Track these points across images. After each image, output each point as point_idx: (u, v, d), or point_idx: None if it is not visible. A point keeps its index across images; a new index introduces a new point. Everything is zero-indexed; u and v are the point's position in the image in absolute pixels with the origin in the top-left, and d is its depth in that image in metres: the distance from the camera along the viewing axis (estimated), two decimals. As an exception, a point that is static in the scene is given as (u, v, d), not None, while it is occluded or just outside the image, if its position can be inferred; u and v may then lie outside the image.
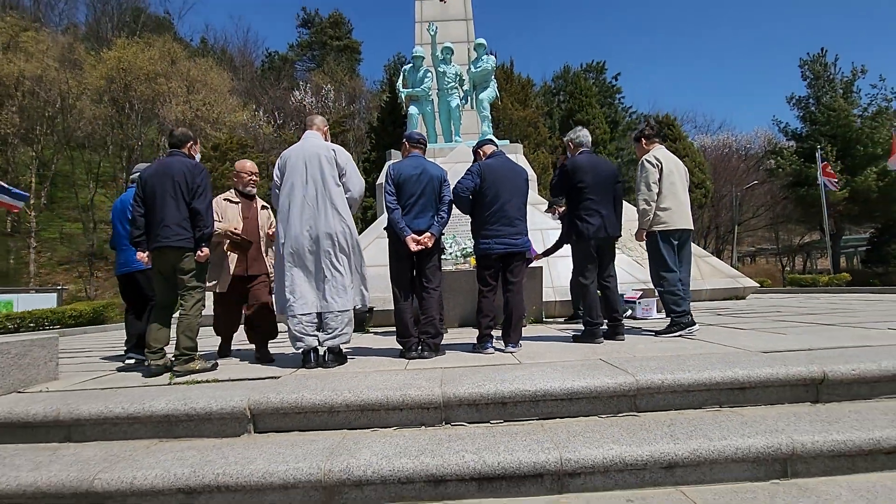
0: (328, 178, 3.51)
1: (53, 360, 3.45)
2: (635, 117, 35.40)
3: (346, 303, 3.48)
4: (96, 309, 10.91)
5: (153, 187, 3.48)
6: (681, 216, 4.39)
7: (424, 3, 14.58)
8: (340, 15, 50.30)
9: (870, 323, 4.60)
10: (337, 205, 3.50)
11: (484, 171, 3.86)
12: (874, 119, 23.47)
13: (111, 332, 10.67)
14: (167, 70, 25.16)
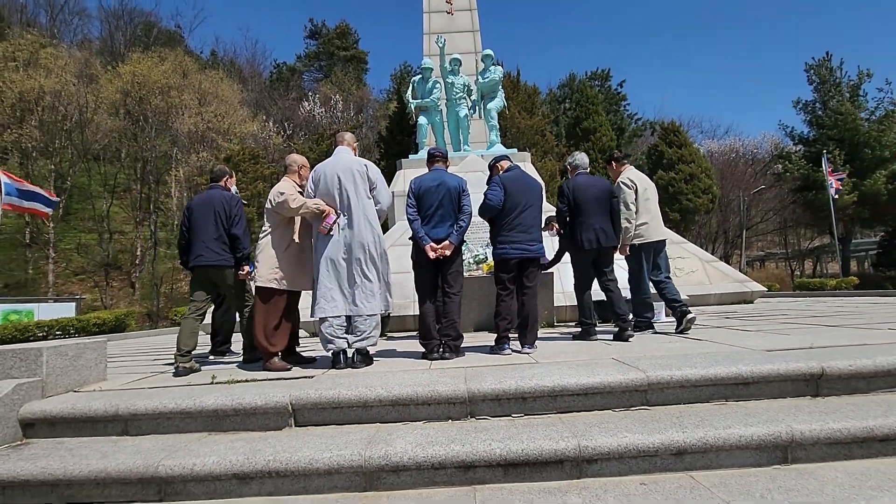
0: (361, 191, 3.79)
1: (103, 362, 3.71)
2: (640, 124, 35.58)
3: (374, 307, 3.74)
4: (118, 317, 11.26)
5: (197, 215, 4.24)
6: (656, 229, 5.03)
7: (432, 15, 14.93)
8: (347, 25, 51.10)
9: (872, 324, 4.76)
10: (369, 216, 3.78)
11: (505, 183, 4.16)
12: (882, 122, 23.49)
13: (132, 339, 11.00)
14: (180, 83, 25.76)
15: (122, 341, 10.21)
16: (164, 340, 9.58)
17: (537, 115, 22.48)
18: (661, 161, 23.57)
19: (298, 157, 4.27)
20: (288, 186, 3.90)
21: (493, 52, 12.59)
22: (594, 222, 4.59)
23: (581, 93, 26.50)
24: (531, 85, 25.24)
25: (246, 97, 34.36)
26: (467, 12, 15.07)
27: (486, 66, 12.45)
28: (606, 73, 34.21)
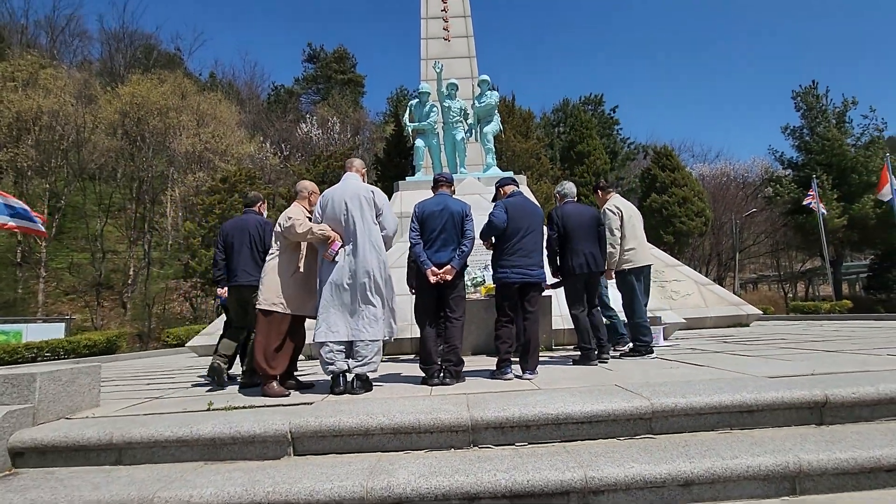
0: (367, 217, 3.81)
1: (96, 387, 3.63)
2: (633, 147, 36.19)
3: (376, 333, 3.70)
4: (109, 339, 11.07)
5: (232, 238, 4.57)
6: (643, 254, 5.22)
7: (430, 42, 15.26)
8: (345, 50, 52.09)
9: (870, 349, 4.78)
10: (374, 242, 3.79)
11: (508, 207, 4.26)
12: (867, 148, 24.05)
13: (124, 361, 10.80)
14: (178, 104, 26.00)
15: (113, 363, 10.02)
16: (156, 363, 9.43)
17: (532, 139, 22.82)
18: (655, 184, 23.89)
19: (309, 183, 4.33)
20: (297, 212, 3.94)
21: (489, 77, 12.86)
22: (583, 248, 4.78)
23: (575, 117, 27.01)
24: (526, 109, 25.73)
25: (244, 118, 34.69)
26: (464, 39, 15.43)
27: (483, 91, 12.68)
28: (599, 98, 34.96)
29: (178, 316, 24.72)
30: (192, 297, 24.36)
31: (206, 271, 17.79)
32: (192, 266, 18.58)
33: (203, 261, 17.76)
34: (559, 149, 27.76)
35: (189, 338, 12.54)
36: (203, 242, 18.53)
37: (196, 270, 18.14)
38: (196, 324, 19.53)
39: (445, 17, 15.39)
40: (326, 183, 21.21)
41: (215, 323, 11.15)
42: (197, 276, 18.82)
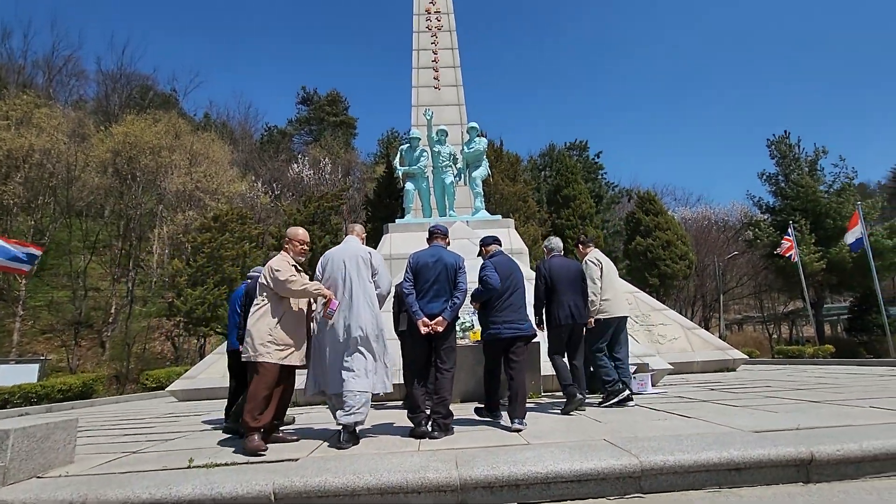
0: (363, 276, 4.02)
1: (72, 442, 3.51)
2: (617, 191, 37.16)
3: (364, 385, 3.76)
4: (85, 383, 10.68)
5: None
6: (619, 305, 5.49)
7: (421, 90, 15.83)
8: (338, 94, 53.58)
9: (854, 400, 4.84)
10: (369, 299, 3.98)
11: (498, 268, 4.46)
12: (839, 195, 24.99)
13: (100, 406, 10.41)
14: (171, 143, 26.26)
15: (89, 409, 9.63)
16: (134, 409, 9.10)
17: (520, 183, 23.37)
18: (639, 228, 24.41)
19: (302, 232, 4.24)
20: (283, 263, 3.92)
21: (477, 124, 13.31)
22: (568, 300, 5.03)
23: (560, 162, 27.82)
24: (513, 154, 26.45)
25: (236, 157, 35.07)
26: (453, 87, 16.04)
27: (472, 137, 13.09)
28: (584, 144, 36.16)
29: (159, 356, 24.03)
30: (175, 335, 23.79)
31: (191, 310, 17.46)
32: (176, 305, 18.23)
33: (188, 300, 17.47)
34: (546, 192, 28.41)
35: (170, 381, 12.17)
36: (190, 281, 18.28)
37: (180, 309, 17.78)
38: (177, 365, 18.98)
39: (436, 66, 16.05)
40: (317, 224, 21.31)
41: (198, 366, 10.87)
42: (181, 315, 18.44)
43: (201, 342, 21.38)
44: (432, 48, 16.21)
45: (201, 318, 17.56)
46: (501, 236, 12.06)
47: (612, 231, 30.25)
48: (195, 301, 17.40)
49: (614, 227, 30.56)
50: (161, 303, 24.66)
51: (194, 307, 17.39)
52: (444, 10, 16.69)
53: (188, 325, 18.37)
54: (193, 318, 17.61)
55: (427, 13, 16.54)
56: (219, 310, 17.80)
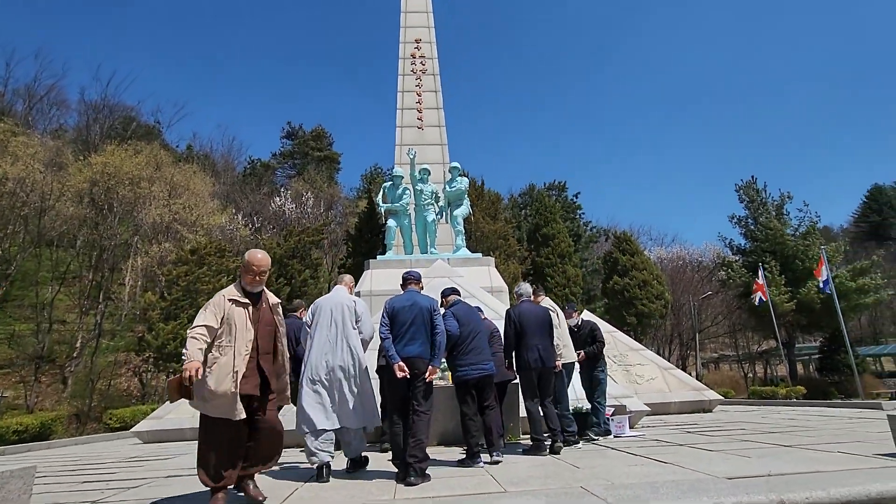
0: (348, 322, 4.45)
1: (28, 491, 3.32)
2: (595, 231, 38.05)
3: (354, 422, 4.26)
4: (43, 423, 10.12)
5: None
6: (569, 352, 6.06)
7: (404, 129, 16.21)
8: (323, 129, 54.33)
9: (823, 444, 4.94)
10: (352, 343, 4.39)
11: (457, 315, 4.92)
12: (805, 238, 26.06)
13: (58, 448, 9.84)
14: (151, 174, 26.00)
15: (46, 451, 9.10)
16: (96, 451, 8.63)
17: (500, 221, 23.75)
18: (616, 267, 24.90)
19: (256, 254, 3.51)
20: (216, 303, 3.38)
21: (459, 164, 13.65)
22: (537, 343, 5.23)
23: (540, 202, 28.47)
24: (495, 192, 26.99)
25: (217, 190, 34.86)
26: (437, 128, 16.48)
27: (454, 177, 13.38)
28: (563, 184, 37.22)
29: (125, 393, 22.93)
30: (143, 371, 22.81)
31: (163, 346, 16.86)
32: (147, 339, 17.60)
33: (160, 334, 16.90)
34: (526, 230, 28.91)
35: (135, 420, 11.65)
36: (163, 315, 17.76)
37: (151, 344, 17.15)
38: (144, 403, 18.15)
39: (420, 108, 16.52)
40: (297, 258, 21.16)
41: (166, 405, 10.44)
42: (151, 351, 17.78)
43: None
44: (416, 90, 16.72)
45: (173, 354, 16.95)
46: (482, 274, 12.27)
47: (591, 270, 30.76)
48: (167, 336, 16.84)
49: (592, 265, 31.10)
50: (130, 337, 23.77)
51: (166, 342, 16.81)
52: (429, 55, 17.34)
53: (158, 361, 17.69)
54: (164, 353, 16.98)
55: (412, 57, 17.15)
56: (191, 345, 17.24)
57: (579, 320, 7.07)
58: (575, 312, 7.16)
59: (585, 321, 7.10)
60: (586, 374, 6.77)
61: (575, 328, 6.91)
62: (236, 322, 3.35)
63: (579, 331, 6.87)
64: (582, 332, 6.86)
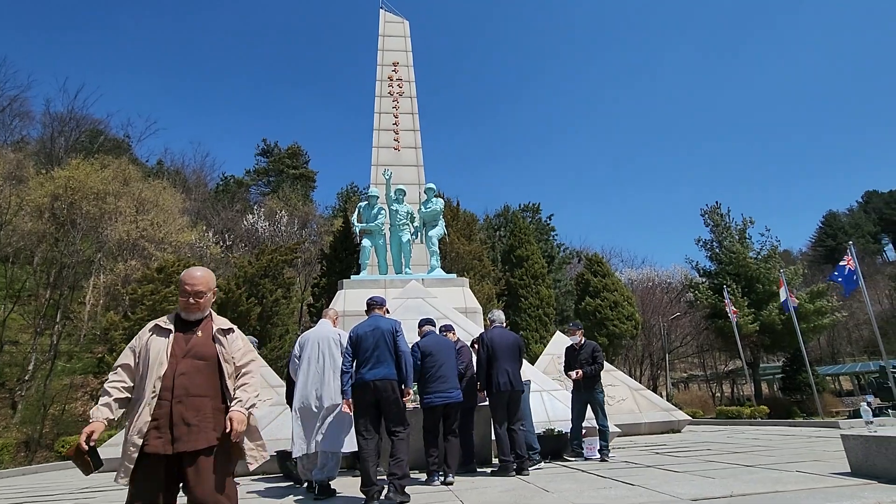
0: (335, 354, 4.85)
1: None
2: (568, 252, 38.71)
3: (334, 445, 4.62)
4: (-11, 452, 9.48)
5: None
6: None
7: (381, 150, 16.31)
8: (298, 147, 54.00)
9: (783, 463, 5.10)
10: (338, 374, 4.72)
11: (422, 348, 5.26)
12: (766, 261, 27.14)
13: (5, 479, 9.23)
14: (118, 190, 25.25)
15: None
16: (46, 481, 8.13)
17: (475, 242, 23.92)
18: (588, 289, 25.30)
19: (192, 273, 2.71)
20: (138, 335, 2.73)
21: (435, 185, 13.78)
22: (507, 367, 5.44)
23: (514, 224, 28.84)
24: (470, 213, 27.26)
25: (188, 206, 34.06)
26: (413, 150, 16.65)
27: (429, 198, 13.48)
28: (537, 206, 37.86)
29: (80, 418, 21.72)
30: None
31: (123, 368, 16.14)
32: (107, 361, 16.82)
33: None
34: (500, 251, 29.17)
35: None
36: (126, 335, 17.05)
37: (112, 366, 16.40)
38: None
39: (396, 129, 16.69)
40: (268, 277, 20.74)
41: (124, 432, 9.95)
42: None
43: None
44: (393, 112, 16.91)
45: (134, 377, 16.26)
46: (456, 295, 12.31)
47: (564, 291, 31.15)
48: (129, 357, 16.16)
49: (565, 286, 31.52)
50: (89, 358, 22.66)
51: (127, 364, 16.12)
52: (406, 77, 17.62)
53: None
54: (125, 376, 16.26)
55: (389, 80, 17.38)
56: (155, 367, 16.56)
57: (581, 339, 6.96)
58: (579, 331, 7.10)
59: (587, 341, 6.99)
60: (585, 395, 6.68)
61: (576, 347, 6.87)
62: (150, 355, 2.56)
63: (580, 350, 6.81)
64: (584, 351, 6.79)
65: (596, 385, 6.65)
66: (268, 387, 11.36)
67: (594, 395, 6.63)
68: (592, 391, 6.63)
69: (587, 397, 6.66)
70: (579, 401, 6.73)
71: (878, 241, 69.17)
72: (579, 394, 6.72)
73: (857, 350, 44.15)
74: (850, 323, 39.57)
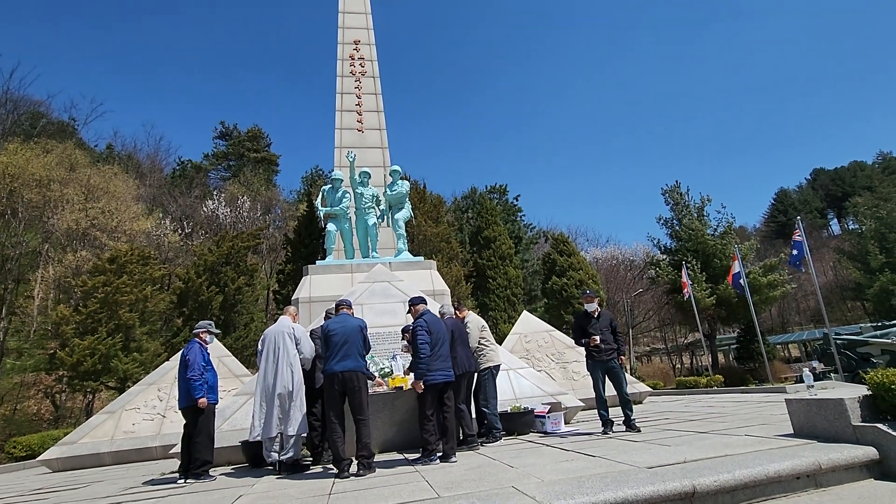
0: (289, 346, 5.55)
1: None
2: (535, 233, 39.26)
3: (293, 429, 5.29)
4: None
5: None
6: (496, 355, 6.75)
7: (344, 132, 15.90)
8: (259, 129, 52.12)
9: (734, 428, 5.37)
10: (292, 363, 5.51)
11: (429, 327, 5.29)
12: (723, 238, 28.27)
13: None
14: (64, 176, 23.76)
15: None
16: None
17: (443, 224, 23.89)
18: (555, 268, 25.78)
19: None
20: None
21: (400, 167, 13.57)
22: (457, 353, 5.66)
23: (481, 205, 28.95)
24: (437, 195, 27.13)
25: (142, 193, 32.49)
26: (377, 131, 16.30)
27: (395, 181, 13.27)
28: (504, 188, 38.06)
29: (34, 417, 20.79)
30: (56, 392, 20.77)
31: (78, 363, 15.44)
32: (59, 356, 16.03)
33: (75, 351, 15.47)
34: (468, 233, 29.28)
35: (44, 447, 10.59)
36: (78, 330, 16.27)
37: (65, 362, 15.64)
38: (58, 427, 16.54)
39: (359, 110, 16.27)
40: (230, 264, 20.12)
41: (81, 428, 9.58)
42: (65, 369, 16.22)
43: (89, 399, 18.88)
44: (356, 92, 16.47)
45: (90, 372, 15.58)
46: (423, 278, 12.27)
47: (532, 271, 31.64)
48: (83, 352, 15.45)
49: (533, 266, 32.00)
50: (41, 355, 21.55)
51: (82, 359, 15.42)
52: (368, 56, 17.14)
53: (73, 380, 16.19)
54: (80, 371, 15.57)
55: (351, 59, 16.86)
56: (112, 361, 15.92)
57: (597, 307, 6.60)
58: (596, 298, 6.68)
59: (603, 311, 6.64)
60: (605, 365, 6.34)
61: (592, 315, 6.53)
62: None
63: (598, 318, 6.50)
64: (602, 320, 6.49)
65: (614, 354, 6.34)
66: (232, 376, 11.14)
67: (614, 364, 6.32)
68: (612, 360, 6.31)
69: (606, 367, 6.35)
70: (598, 370, 6.39)
71: (825, 216, 73.22)
72: (597, 363, 6.39)
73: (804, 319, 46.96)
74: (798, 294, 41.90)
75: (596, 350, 6.31)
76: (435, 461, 4.88)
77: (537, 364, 11.09)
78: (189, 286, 18.80)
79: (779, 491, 3.36)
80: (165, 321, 21.62)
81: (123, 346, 16.43)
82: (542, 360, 11.45)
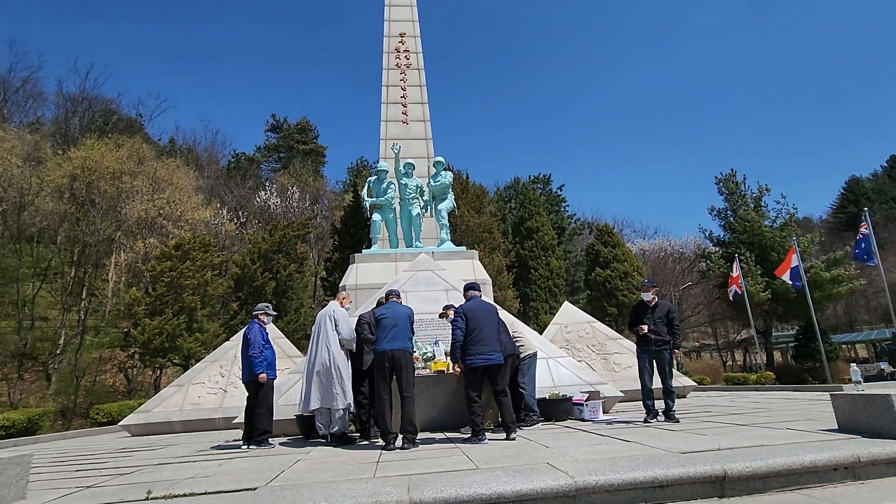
0: (328, 328, 6.14)
1: (25, 477, 3.51)
2: (579, 223, 38.55)
3: (339, 403, 5.79)
4: (31, 418, 10.17)
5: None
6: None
7: (389, 124, 16.29)
8: (308, 122, 53.86)
9: (776, 423, 5.31)
10: (331, 344, 6.05)
11: (466, 313, 5.53)
12: (782, 230, 26.77)
13: (46, 443, 9.91)
14: (133, 169, 25.68)
15: (34, 446, 9.16)
16: (84, 444, 8.74)
17: (485, 214, 24.00)
18: (598, 259, 25.36)
19: None
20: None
21: (444, 158, 13.81)
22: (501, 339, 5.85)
23: (524, 195, 28.77)
24: (479, 185, 27.22)
25: (201, 184, 34.50)
26: (421, 122, 16.59)
27: (438, 171, 13.53)
28: (547, 177, 37.54)
29: (110, 389, 22.86)
30: (129, 367, 22.72)
31: (149, 341, 16.88)
32: (132, 335, 17.58)
33: (146, 330, 16.91)
34: (511, 223, 29.22)
35: (122, 415, 11.73)
36: (148, 310, 17.72)
37: (137, 340, 17.15)
38: (130, 398, 18.15)
39: (404, 102, 16.61)
40: (282, 252, 21.16)
41: (153, 399, 10.56)
42: (137, 346, 17.77)
43: (157, 374, 20.55)
44: (401, 84, 16.80)
45: (159, 349, 16.99)
46: (465, 267, 12.53)
47: (574, 262, 31.21)
48: (153, 331, 16.86)
49: (576, 257, 31.55)
50: (115, 333, 23.62)
51: (152, 337, 16.84)
52: (413, 49, 17.41)
53: (144, 357, 17.72)
54: (150, 348, 17.02)
55: (396, 52, 17.20)
56: (177, 340, 17.27)
57: (654, 297, 6.53)
58: (654, 288, 6.62)
59: (661, 301, 6.54)
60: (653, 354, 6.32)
61: (649, 304, 6.47)
62: None
63: (655, 309, 6.42)
64: (658, 310, 6.41)
65: (666, 346, 6.29)
66: (286, 357, 11.88)
67: (662, 355, 6.27)
68: (661, 351, 6.28)
69: (655, 356, 6.31)
70: (645, 359, 6.39)
71: (902, 206, 67.21)
72: (644, 353, 6.39)
73: (875, 318, 43.65)
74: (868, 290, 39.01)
75: (644, 340, 6.32)
76: (484, 441, 4.98)
77: (577, 354, 11.13)
78: (245, 272, 19.97)
79: (814, 481, 3.38)
80: (223, 304, 23.11)
81: (187, 326, 17.76)
82: (582, 351, 11.47)
